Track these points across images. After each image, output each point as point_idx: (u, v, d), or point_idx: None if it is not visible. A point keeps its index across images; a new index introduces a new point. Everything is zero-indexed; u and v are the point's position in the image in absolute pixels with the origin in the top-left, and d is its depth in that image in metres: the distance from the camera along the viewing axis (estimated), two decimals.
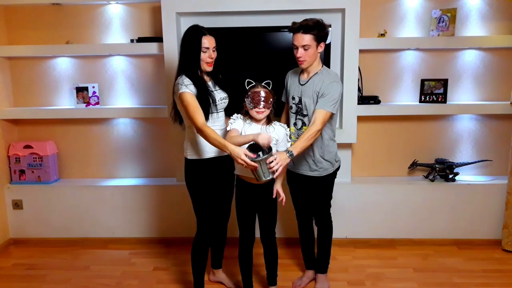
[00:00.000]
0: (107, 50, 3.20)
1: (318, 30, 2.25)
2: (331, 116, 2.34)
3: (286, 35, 2.95)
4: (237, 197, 2.41)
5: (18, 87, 3.42)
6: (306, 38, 2.24)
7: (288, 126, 2.46)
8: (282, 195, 2.34)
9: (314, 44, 2.27)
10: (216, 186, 2.40)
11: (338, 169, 2.54)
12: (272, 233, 2.44)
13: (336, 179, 2.56)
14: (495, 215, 3.19)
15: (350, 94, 3.00)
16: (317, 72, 2.37)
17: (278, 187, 2.35)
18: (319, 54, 2.35)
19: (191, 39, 2.26)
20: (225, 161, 2.42)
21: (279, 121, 2.43)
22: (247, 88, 2.27)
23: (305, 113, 2.40)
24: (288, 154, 2.18)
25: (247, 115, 2.30)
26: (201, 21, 3.02)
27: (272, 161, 2.09)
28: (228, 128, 2.29)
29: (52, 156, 3.39)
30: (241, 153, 2.05)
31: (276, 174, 2.12)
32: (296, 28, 2.26)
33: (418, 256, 3.09)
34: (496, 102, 3.19)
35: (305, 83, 2.38)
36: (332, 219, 2.62)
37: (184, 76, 2.25)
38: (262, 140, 2.10)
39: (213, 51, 2.29)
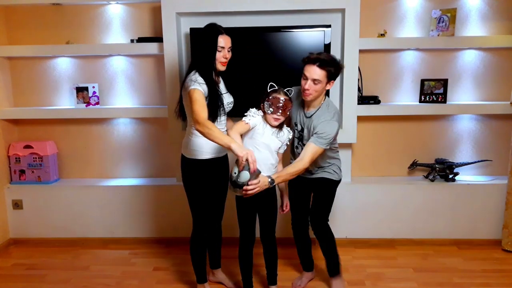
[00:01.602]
0: (107, 50, 3.20)
1: (335, 68, 2.21)
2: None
3: (286, 35, 2.95)
4: (238, 197, 2.41)
5: (18, 87, 3.42)
6: (319, 73, 2.19)
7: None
8: (288, 208, 2.51)
9: (325, 81, 2.22)
10: (212, 185, 2.41)
11: (338, 182, 2.51)
12: (272, 232, 2.45)
13: None
14: (495, 215, 3.19)
15: (350, 94, 3.00)
16: (319, 107, 2.33)
17: (287, 200, 2.52)
18: (325, 90, 2.30)
19: (208, 37, 2.24)
20: (221, 161, 2.45)
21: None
22: (268, 91, 2.25)
23: (305, 142, 2.36)
24: (269, 180, 2.16)
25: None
26: (200, 21, 3.03)
27: (250, 184, 2.07)
28: (246, 120, 2.24)
29: (52, 156, 3.39)
30: (250, 152, 2.04)
31: (245, 195, 2.10)
32: (312, 59, 2.20)
33: (418, 256, 3.09)
34: (496, 102, 3.19)
35: (309, 117, 2.35)
36: (330, 223, 2.56)
37: (197, 74, 2.23)
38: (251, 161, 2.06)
39: (228, 51, 2.28)
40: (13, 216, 3.39)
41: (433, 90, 3.19)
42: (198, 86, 2.18)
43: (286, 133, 2.36)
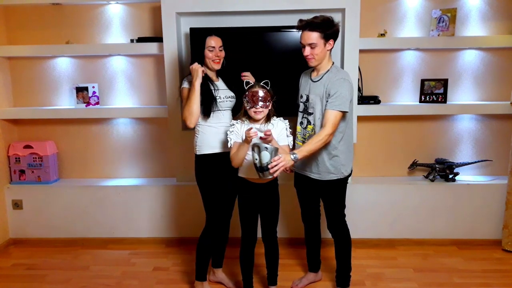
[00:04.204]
0: (107, 50, 3.20)
1: (326, 27, 2.22)
2: (344, 116, 2.29)
3: (286, 35, 2.96)
4: (240, 198, 2.41)
5: (18, 87, 3.42)
6: (312, 36, 2.22)
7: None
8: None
9: (321, 42, 2.24)
10: (222, 180, 2.44)
11: (347, 177, 2.45)
12: (273, 232, 2.45)
13: None
14: (495, 215, 3.19)
15: None
16: (327, 71, 2.34)
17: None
18: (328, 52, 2.32)
19: (198, 40, 2.40)
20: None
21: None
22: (246, 88, 2.27)
23: (310, 111, 2.36)
24: (292, 157, 2.13)
25: (246, 115, 2.30)
26: (201, 21, 3.04)
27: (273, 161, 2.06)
28: (229, 145, 2.31)
29: (52, 156, 3.39)
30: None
31: (275, 174, 2.09)
32: (302, 25, 2.25)
33: (418, 256, 3.09)
34: (496, 102, 3.19)
35: (316, 81, 2.35)
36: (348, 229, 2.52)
37: (190, 75, 2.37)
38: (248, 132, 2.13)
39: (220, 50, 2.39)
40: (13, 216, 3.38)
41: (433, 90, 3.19)
42: (186, 84, 2.36)
43: (278, 123, 2.33)
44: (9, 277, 2.91)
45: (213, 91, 2.40)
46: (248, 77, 2.51)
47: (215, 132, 2.40)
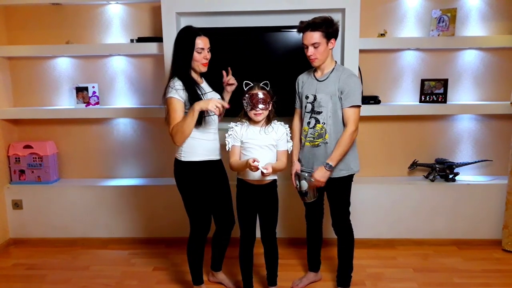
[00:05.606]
0: (107, 50, 3.20)
1: (327, 26, 2.25)
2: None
3: (286, 35, 2.96)
4: (238, 198, 2.41)
5: (18, 87, 3.42)
6: (315, 36, 2.25)
7: (301, 127, 2.47)
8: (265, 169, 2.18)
9: (324, 41, 2.27)
10: (207, 188, 2.39)
11: (351, 176, 2.48)
12: (272, 233, 2.44)
13: None
14: (495, 215, 3.19)
15: None
16: (333, 69, 2.36)
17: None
18: (330, 51, 2.34)
19: (185, 40, 2.25)
20: (217, 165, 2.43)
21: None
22: (245, 89, 2.26)
23: (319, 110, 2.36)
24: (326, 167, 2.26)
25: (246, 116, 2.30)
26: (200, 21, 3.04)
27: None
28: (227, 148, 2.31)
29: (52, 156, 3.39)
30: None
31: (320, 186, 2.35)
32: (304, 26, 2.27)
33: (418, 256, 3.09)
34: (496, 102, 3.19)
35: (323, 80, 2.36)
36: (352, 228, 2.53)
37: (176, 79, 2.24)
38: (250, 165, 2.13)
39: (208, 52, 2.29)
40: (13, 216, 3.38)
41: (433, 90, 3.19)
42: (175, 93, 2.20)
43: (278, 128, 2.32)
44: (9, 277, 2.91)
45: (201, 96, 2.27)
46: (232, 84, 2.45)
47: (203, 139, 2.31)
